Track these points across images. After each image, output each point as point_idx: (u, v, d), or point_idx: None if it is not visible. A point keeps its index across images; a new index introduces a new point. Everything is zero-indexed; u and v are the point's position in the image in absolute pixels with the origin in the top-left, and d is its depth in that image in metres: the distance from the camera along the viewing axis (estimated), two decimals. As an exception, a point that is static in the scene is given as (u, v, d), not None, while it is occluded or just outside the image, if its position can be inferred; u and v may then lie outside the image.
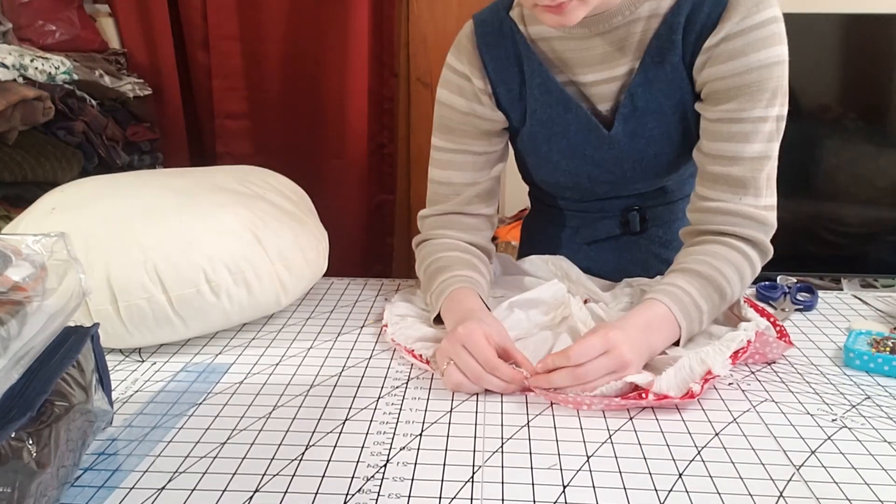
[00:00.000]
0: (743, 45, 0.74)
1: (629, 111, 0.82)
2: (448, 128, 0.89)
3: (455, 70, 0.88)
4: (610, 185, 0.90)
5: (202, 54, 1.96)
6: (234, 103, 1.99)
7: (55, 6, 1.70)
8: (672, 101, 0.80)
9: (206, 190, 0.82)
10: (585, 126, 0.84)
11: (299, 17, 1.93)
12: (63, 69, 1.47)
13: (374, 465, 0.54)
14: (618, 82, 0.82)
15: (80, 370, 0.53)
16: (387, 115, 2.08)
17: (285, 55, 1.97)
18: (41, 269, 0.49)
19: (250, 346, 0.78)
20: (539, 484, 0.52)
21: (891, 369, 0.69)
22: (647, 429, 0.59)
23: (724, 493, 0.51)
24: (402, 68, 2.08)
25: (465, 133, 0.88)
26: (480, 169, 0.90)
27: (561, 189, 0.96)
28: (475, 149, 0.89)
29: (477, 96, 0.87)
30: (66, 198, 0.80)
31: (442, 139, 0.90)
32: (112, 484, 0.52)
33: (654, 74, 0.80)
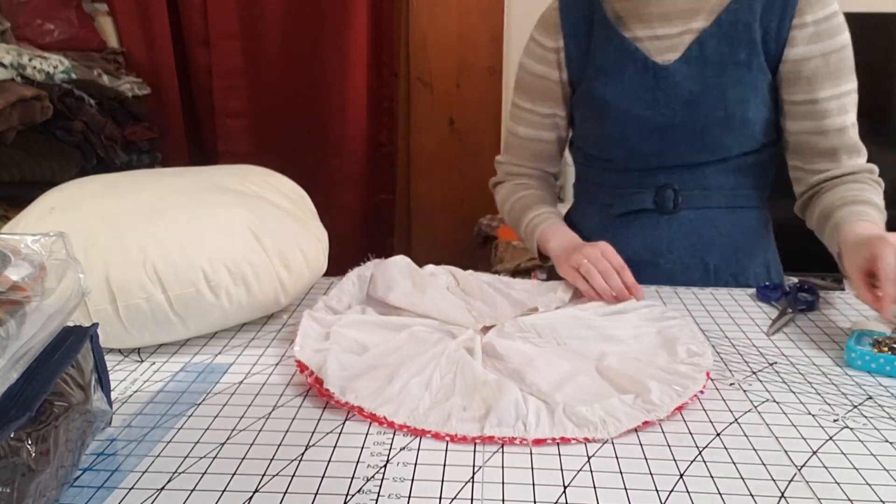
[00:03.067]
0: (833, 27, 0.88)
1: (695, 56, 0.91)
2: (522, 88, 1.06)
3: (533, 38, 1.05)
4: (657, 141, 0.95)
5: (202, 53, 1.96)
6: (235, 102, 1.99)
7: (54, 5, 1.70)
8: (737, 61, 0.90)
9: (206, 189, 0.82)
10: (642, 66, 0.94)
11: (299, 15, 1.93)
12: (61, 68, 1.47)
13: (374, 465, 0.54)
14: (691, 35, 0.92)
15: (79, 370, 0.53)
16: (386, 115, 2.08)
17: (285, 54, 1.97)
18: (40, 269, 0.49)
19: (250, 346, 0.78)
20: (539, 484, 0.52)
21: (892, 369, 0.69)
22: (648, 429, 0.59)
23: (725, 494, 0.50)
24: (402, 67, 2.08)
25: (535, 94, 1.04)
26: (542, 129, 1.06)
27: (609, 147, 1.00)
28: (541, 110, 1.05)
29: (547, 58, 1.02)
30: (65, 197, 0.80)
31: (517, 98, 1.08)
32: (111, 484, 0.52)
33: (725, 31, 0.90)
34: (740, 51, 0.90)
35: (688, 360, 0.69)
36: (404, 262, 0.87)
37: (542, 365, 0.67)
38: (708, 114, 0.91)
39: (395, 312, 0.82)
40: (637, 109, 0.94)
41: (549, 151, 1.09)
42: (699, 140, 0.94)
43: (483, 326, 0.78)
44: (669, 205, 0.98)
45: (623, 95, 0.95)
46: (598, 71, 0.97)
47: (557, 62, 1.02)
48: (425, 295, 0.82)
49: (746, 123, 0.92)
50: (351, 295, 0.84)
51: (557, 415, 0.59)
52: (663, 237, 1.00)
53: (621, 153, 0.99)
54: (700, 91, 0.91)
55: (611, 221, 1.04)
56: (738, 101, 0.91)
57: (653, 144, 0.96)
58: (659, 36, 0.94)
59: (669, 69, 0.92)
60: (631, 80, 0.94)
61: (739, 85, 0.90)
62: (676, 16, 0.93)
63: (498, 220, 2.02)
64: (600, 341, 0.74)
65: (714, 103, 0.91)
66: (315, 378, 0.65)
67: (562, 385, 0.64)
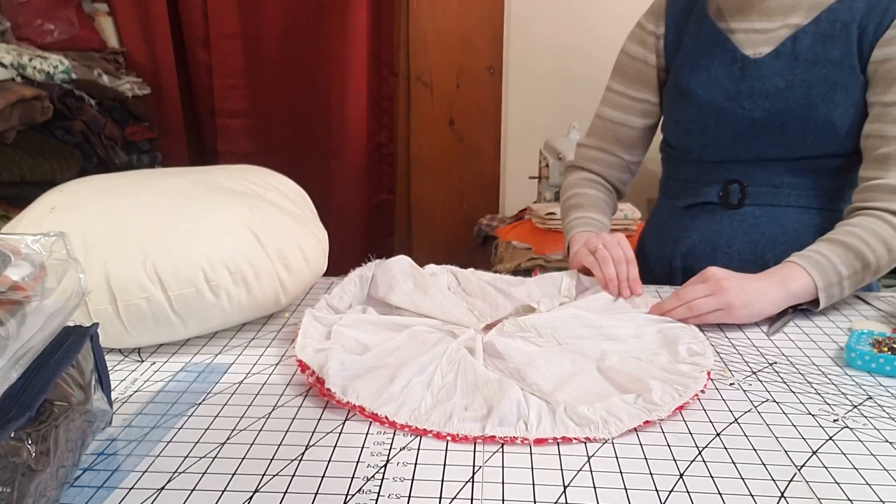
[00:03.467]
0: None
1: (787, 50, 0.90)
2: (618, 70, 1.07)
3: (639, 24, 1.05)
4: (732, 134, 0.95)
5: (203, 53, 1.96)
6: (235, 102, 1.99)
7: (54, 5, 1.70)
8: (829, 59, 0.89)
9: (206, 189, 0.82)
10: (730, 58, 0.94)
11: (299, 15, 1.93)
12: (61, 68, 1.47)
13: (374, 465, 0.54)
14: (788, 30, 0.91)
15: (79, 370, 0.53)
16: (386, 115, 2.08)
17: (285, 54, 1.97)
18: (40, 269, 0.49)
19: (250, 346, 0.78)
20: (539, 484, 0.52)
21: (892, 369, 0.69)
22: (648, 429, 0.59)
23: (725, 494, 0.51)
24: (402, 67, 2.08)
25: (627, 76, 1.05)
26: (630, 112, 1.06)
27: (686, 136, 1.00)
28: (632, 93, 1.05)
29: (646, 42, 1.03)
30: (65, 197, 0.80)
31: (611, 81, 1.08)
32: (111, 484, 0.52)
33: (823, 28, 0.89)
34: (834, 49, 0.89)
35: (689, 360, 0.69)
36: (406, 263, 0.87)
37: (543, 364, 0.67)
38: (790, 110, 0.90)
39: (397, 312, 0.82)
40: (718, 100, 0.94)
41: (632, 137, 1.08)
42: (778, 136, 0.92)
43: (484, 326, 0.78)
44: (734, 199, 0.98)
45: (707, 84, 0.95)
46: (687, 58, 0.98)
47: (656, 47, 1.02)
48: (427, 295, 0.82)
49: (830, 124, 0.89)
50: (352, 295, 0.84)
51: (559, 414, 0.59)
52: (724, 231, 1.00)
53: (697, 143, 0.99)
54: (785, 87, 0.90)
55: (678, 213, 1.05)
56: (823, 101, 0.89)
57: (729, 136, 0.95)
58: (756, 29, 0.93)
59: (758, 63, 0.92)
60: (717, 70, 0.95)
61: (827, 84, 0.89)
62: (777, 11, 0.92)
63: (498, 221, 2.02)
64: (601, 340, 0.74)
65: (798, 100, 0.90)
66: (316, 378, 0.65)
67: (563, 384, 0.64)
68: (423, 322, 0.77)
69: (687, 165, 1.03)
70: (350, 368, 0.66)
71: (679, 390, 0.63)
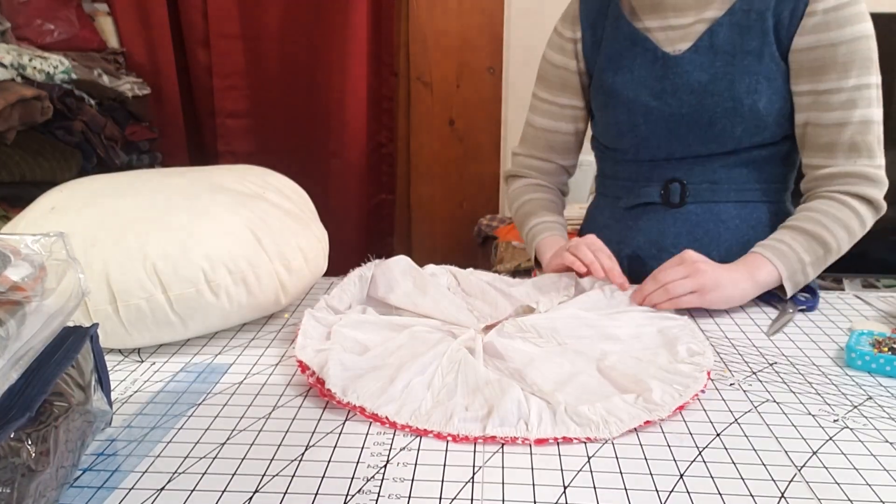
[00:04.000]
0: (845, 17, 0.85)
1: (706, 45, 0.92)
2: (542, 78, 1.09)
3: (555, 30, 1.07)
4: (664, 131, 0.95)
5: (202, 53, 1.96)
6: (235, 102, 1.99)
7: (54, 5, 1.70)
8: (748, 50, 0.89)
9: (206, 189, 0.82)
10: (651, 57, 0.95)
11: (299, 15, 1.93)
12: (61, 68, 1.47)
13: (374, 465, 0.54)
14: (704, 24, 0.92)
15: (79, 370, 0.53)
16: (386, 115, 2.08)
17: (285, 54, 1.97)
18: (40, 269, 0.49)
19: (250, 346, 0.78)
20: (539, 484, 0.52)
21: (892, 370, 0.69)
22: (648, 429, 0.59)
23: (725, 494, 0.51)
24: (402, 67, 2.08)
25: (552, 84, 1.07)
26: (560, 119, 1.08)
27: (618, 137, 1.00)
28: (559, 100, 1.07)
29: (565, 48, 1.04)
30: (65, 197, 0.80)
31: (537, 88, 1.10)
32: (111, 484, 0.52)
33: (738, 19, 0.90)
34: (752, 40, 0.89)
35: (688, 360, 0.69)
36: (405, 263, 0.87)
37: (543, 364, 0.67)
38: (716, 104, 0.91)
39: (396, 313, 0.82)
40: (645, 99, 0.95)
41: (565, 143, 1.10)
42: (707, 131, 0.93)
43: (484, 326, 0.78)
44: (675, 198, 0.98)
45: (632, 85, 0.96)
46: (608, 60, 0.99)
47: (575, 52, 1.03)
48: (426, 295, 0.82)
49: (757, 114, 0.90)
50: (352, 295, 0.84)
51: (559, 414, 0.59)
52: (668, 232, 0.99)
53: (630, 143, 0.99)
54: (708, 81, 0.91)
55: (621, 215, 1.04)
56: (747, 91, 0.89)
57: (661, 135, 0.96)
58: (672, 26, 0.94)
59: (678, 59, 0.93)
60: (640, 69, 0.95)
61: (749, 74, 0.89)
62: (690, 6, 0.93)
63: (498, 221, 2.02)
64: (601, 341, 0.74)
65: (722, 93, 0.90)
66: (317, 378, 0.65)
67: (563, 384, 0.64)
68: (423, 322, 0.77)
69: (623, 165, 1.03)
70: (350, 369, 0.66)
71: (679, 390, 0.63)
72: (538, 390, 0.63)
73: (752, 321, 0.84)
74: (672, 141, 0.96)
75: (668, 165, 0.98)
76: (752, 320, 0.84)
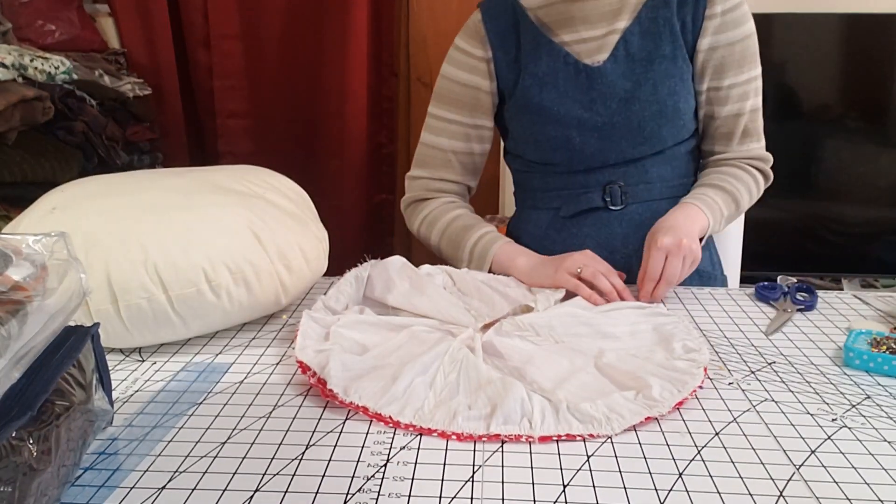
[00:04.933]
0: (737, 18, 0.93)
1: (622, 55, 0.94)
2: (447, 98, 1.03)
3: (459, 48, 1.02)
4: (597, 140, 0.96)
5: (203, 53, 1.96)
6: (236, 102, 1.99)
7: (55, 6, 1.70)
8: (663, 55, 0.94)
9: (206, 189, 0.82)
10: (574, 70, 0.96)
11: (300, 16, 1.93)
12: (63, 69, 1.47)
13: (374, 465, 0.54)
14: (616, 35, 0.95)
15: (80, 370, 0.53)
16: (386, 115, 2.08)
17: (286, 54, 1.97)
18: (42, 269, 0.49)
19: (250, 346, 0.78)
20: (539, 484, 0.52)
21: (891, 369, 0.69)
22: (648, 428, 0.59)
23: (724, 493, 0.51)
24: (402, 68, 2.08)
25: (461, 104, 1.03)
26: (470, 140, 1.05)
27: (551, 152, 1.00)
28: (466, 120, 1.03)
29: (476, 68, 1.01)
30: (67, 197, 0.80)
31: (439, 108, 1.05)
32: (112, 483, 0.53)
33: (647, 27, 0.94)
34: (664, 45, 0.94)
35: (685, 357, 0.70)
36: (400, 263, 0.87)
37: (543, 363, 0.68)
38: (643, 109, 0.94)
39: (393, 312, 0.82)
40: (576, 112, 0.95)
41: (475, 164, 1.08)
42: (638, 135, 0.95)
43: (482, 325, 0.78)
44: (618, 200, 1.00)
45: (560, 100, 0.96)
46: (532, 78, 0.97)
47: (488, 72, 1.01)
48: (423, 295, 0.82)
49: (678, 114, 0.95)
50: (348, 296, 0.84)
51: (562, 412, 0.59)
52: (616, 233, 1.01)
53: (564, 156, 0.99)
54: (632, 87, 0.94)
55: (562, 224, 1.03)
56: (669, 94, 0.93)
57: (594, 144, 0.97)
58: (585, 39, 0.96)
59: (600, 70, 0.95)
60: (566, 83, 0.96)
61: (668, 77, 0.94)
62: (598, 18, 0.95)
63: (498, 221, 2.02)
64: (597, 338, 0.75)
65: (648, 98, 0.93)
66: (318, 379, 0.65)
67: (563, 382, 0.64)
68: (422, 322, 0.77)
69: (556, 177, 1.02)
70: (351, 369, 0.66)
71: (678, 386, 0.63)
72: (539, 388, 0.63)
73: (751, 321, 0.84)
74: (605, 149, 0.97)
75: (604, 171, 0.99)
76: (751, 320, 0.85)
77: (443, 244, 1.03)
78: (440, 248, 1.04)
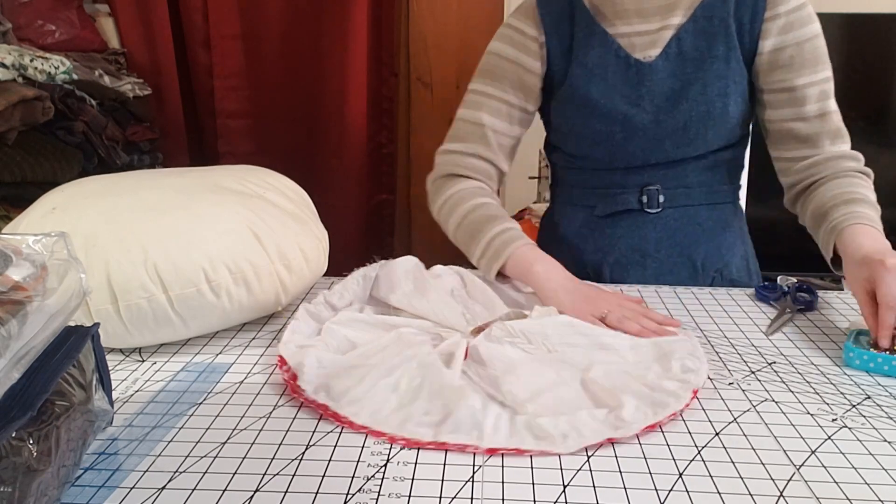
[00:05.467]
0: (803, 17, 0.90)
1: (674, 51, 0.92)
2: (492, 73, 0.98)
3: (511, 25, 0.98)
4: (641, 138, 0.94)
5: (203, 54, 1.96)
6: (236, 102, 1.99)
7: (55, 6, 1.70)
8: (715, 55, 0.91)
9: (206, 189, 0.82)
10: (624, 63, 0.93)
11: (300, 16, 1.93)
12: (63, 69, 1.47)
13: (374, 465, 0.54)
14: (670, 31, 0.92)
15: (80, 370, 0.53)
16: (386, 115, 2.08)
17: (286, 54, 1.97)
18: (42, 269, 0.49)
19: (250, 346, 0.78)
20: (539, 484, 0.52)
21: (891, 369, 0.69)
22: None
23: (724, 493, 0.51)
24: (402, 68, 2.08)
25: (506, 81, 0.98)
26: (509, 121, 0.99)
27: (592, 146, 0.97)
28: (511, 99, 0.98)
29: (527, 48, 0.97)
30: (67, 197, 0.80)
31: (481, 84, 0.99)
32: (112, 483, 0.52)
33: (701, 26, 0.91)
34: (718, 45, 0.91)
35: (680, 376, 0.66)
36: (411, 264, 0.86)
37: (526, 372, 0.66)
38: (690, 109, 0.92)
39: (394, 313, 0.82)
40: (622, 107, 0.93)
41: (512, 147, 1.01)
42: (683, 135, 0.93)
43: (474, 329, 0.77)
44: (654, 204, 0.98)
45: (608, 93, 0.94)
46: (581, 69, 0.95)
47: (539, 55, 0.97)
48: (424, 297, 0.82)
49: (727, 118, 0.92)
50: (354, 293, 0.84)
51: (518, 425, 0.58)
52: (650, 237, 0.99)
53: (605, 152, 0.97)
54: (682, 87, 0.92)
55: (596, 223, 1.02)
56: (718, 96, 0.91)
57: (637, 142, 0.95)
58: (639, 32, 0.94)
59: (651, 66, 0.93)
60: (615, 77, 0.94)
61: (719, 79, 0.91)
62: (652, 12, 0.93)
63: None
64: (593, 350, 0.72)
65: (696, 98, 0.91)
66: (292, 374, 0.66)
67: (539, 394, 0.62)
68: (415, 324, 0.77)
69: (594, 173, 1.01)
70: (327, 367, 0.66)
71: (656, 409, 0.60)
72: (511, 399, 0.61)
73: (751, 321, 0.84)
74: (647, 148, 0.95)
75: (643, 172, 0.98)
76: (751, 320, 0.84)
77: (459, 232, 0.95)
78: (455, 237, 0.96)
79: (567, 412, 0.59)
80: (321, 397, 0.62)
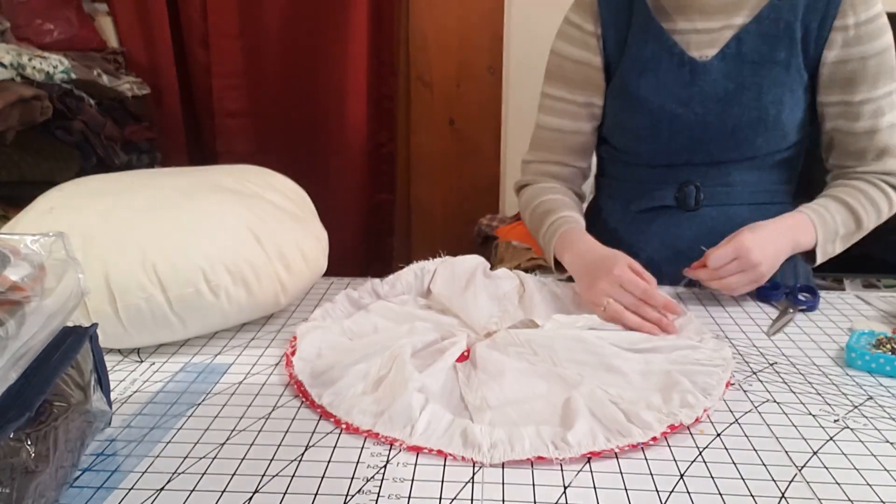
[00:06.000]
0: (872, 31, 0.86)
1: (733, 53, 0.90)
2: (557, 75, 1.00)
3: (570, 21, 0.99)
4: (686, 139, 0.93)
5: (202, 53, 1.96)
6: (235, 102, 1.99)
7: (53, 5, 1.70)
8: (776, 61, 0.89)
9: (205, 189, 0.82)
10: (678, 61, 0.92)
11: (299, 15, 1.93)
12: (61, 68, 1.47)
13: (374, 466, 0.54)
14: (731, 31, 0.90)
15: (78, 370, 0.53)
16: (386, 114, 2.07)
17: (285, 54, 1.97)
18: (40, 269, 0.49)
19: (250, 346, 0.78)
20: (539, 484, 0.52)
21: (892, 369, 0.69)
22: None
23: (725, 494, 0.50)
24: (402, 67, 2.08)
25: (571, 81, 0.99)
26: (580, 119, 1.01)
27: (635, 142, 0.97)
28: (578, 98, 0.99)
29: (587, 43, 0.97)
30: (65, 197, 0.80)
31: (551, 87, 1.01)
32: (111, 485, 0.52)
33: (765, 28, 0.89)
34: (780, 50, 0.88)
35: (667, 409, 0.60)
36: (474, 263, 0.88)
37: (510, 381, 0.65)
38: (741, 113, 0.89)
39: (437, 306, 0.84)
40: (671, 106, 0.92)
41: (585, 144, 1.03)
42: (730, 139, 0.91)
43: (487, 332, 0.77)
44: (691, 202, 0.96)
45: (658, 91, 0.92)
46: (633, 62, 0.94)
47: (598, 48, 0.97)
48: (463, 295, 0.83)
49: (779, 125, 0.90)
50: (407, 284, 0.87)
51: (452, 429, 0.58)
52: (684, 236, 0.97)
53: (649, 149, 0.96)
54: (735, 90, 0.89)
55: (632, 218, 1.01)
56: (773, 103, 0.89)
57: (682, 141, 0.93)
58: (699, 30, 0.91)
59: (706, 66, 0.90)
60: (666, 75, 0.92)
61: (776, 86, 0.88)
62: (716, 10, 0.90)
63: (498, 220, 2.02)
64: (598, 371, 0.68)
65: (749, 103, 0.89)
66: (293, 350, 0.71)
67: (513, 404, 0.61)
68: (437, 319, 0.80)
69: (635, 168, 1.00)
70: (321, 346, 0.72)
71: (615, 436, 0.57)
72: (482, 402, 0.62)
73: (753, 321, 0.84)
74: (692, 148, 0.94)
75: (684, 169, 0.96)
76: (753, 320, 0.84)
77: (532, 231, 1.01)
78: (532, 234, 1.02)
79: (521, 425, 0.58)
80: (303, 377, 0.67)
